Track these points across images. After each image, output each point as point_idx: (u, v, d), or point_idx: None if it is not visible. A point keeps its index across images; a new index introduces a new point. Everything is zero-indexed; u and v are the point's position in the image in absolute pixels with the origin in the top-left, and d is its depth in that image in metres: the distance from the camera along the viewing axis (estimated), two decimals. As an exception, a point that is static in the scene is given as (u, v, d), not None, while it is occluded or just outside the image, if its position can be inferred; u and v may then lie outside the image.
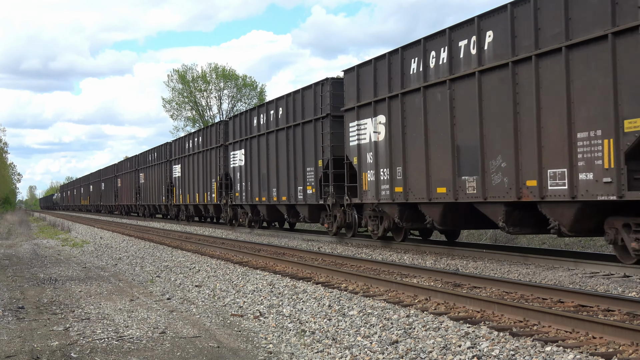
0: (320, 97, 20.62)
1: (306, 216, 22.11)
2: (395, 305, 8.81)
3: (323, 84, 20.56)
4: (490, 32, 13.16)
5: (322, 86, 20.62)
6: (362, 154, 18.04)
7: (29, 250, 20.96)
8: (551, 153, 11.80)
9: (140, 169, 48.62)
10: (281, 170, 23.40)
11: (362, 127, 17.98)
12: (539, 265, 12.87)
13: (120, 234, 29.39)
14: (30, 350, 7.05)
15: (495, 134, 13.12)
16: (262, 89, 70.73)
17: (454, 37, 14.19)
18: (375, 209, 17.99)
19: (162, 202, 41.58)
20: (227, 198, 29.94)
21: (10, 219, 62.33)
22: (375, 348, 6.72)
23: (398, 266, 12.66)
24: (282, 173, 23.28)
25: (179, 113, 70.54)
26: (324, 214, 21.13)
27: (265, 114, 24.87)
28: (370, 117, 17.48)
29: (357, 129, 18.17)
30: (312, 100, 21.13)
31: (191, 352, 6.92)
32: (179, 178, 37.62)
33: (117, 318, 8.76)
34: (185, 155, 36.48)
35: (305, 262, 13.64)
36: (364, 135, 17.91)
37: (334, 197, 19.86)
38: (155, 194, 43.42)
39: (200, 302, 10.11)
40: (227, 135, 29.76)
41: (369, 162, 17.67)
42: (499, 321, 7.56)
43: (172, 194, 39.41)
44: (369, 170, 17.68)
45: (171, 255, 17.75)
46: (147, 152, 46.92)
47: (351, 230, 20.00)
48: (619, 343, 6.29)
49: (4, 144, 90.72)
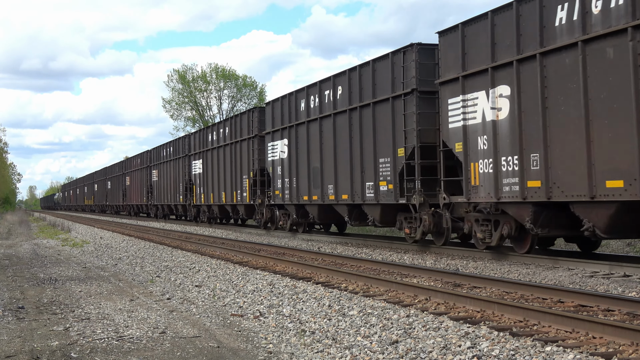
0: (401, 68, 16.28)
1: (376, 218, 17.90)
2: (395, 305, 8.81)
3: (406, 51, 16.22)
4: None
5: (405, 54, 16.25)
6: (469, 138, 14.12)
7: (29, 250, 20.96)
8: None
9: (152, 166, 44.19)
10: (341, 162, 19.35)
11: (470, 104, 14.08)
12: (539, 265, 12.87)
13: (120, 234, 29.39)
14: (30, 350, 7.05)
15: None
16: (262, 89, 70.76)
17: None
18: (484, 210, 14.32)
19: (178, 202, 37.95)
20: (262, 197, 26.09)
21: (10, 219, 62.34)
22: (375, 348, 6.72)
23: (398, 266, 12.66)
24: (343, 166, 19.21)
25: (179, 113, 70.54)
26: (402, 216, 17.07)
27: (318, 95, 20.65)
28: (484, 89, 13.60)
29: (463, 105, 14.24)
30: (389, 74, 16.84)
31: (191, 352, 6.92)
32: (200, 175, 33.82)
33: (117, 318, 8.76)
34: (207, 149, 32.48)
35: (305, 262, 13.64)
36: (473, 113, 14.00)
37: (422, 194, 15.95)
38: (171, 192, 39.60)
39: (200, 302, 10.11)
40: (263, 124, 25.95)
41: (482, 149, 13.72)
42: (499, 321, 7.56)
43: (192, 192, 35.67)
44: (482, 160, 13.73)
45: (171, 255, 17.76)
46: (161, 147, 42.63)
47: (442, 237, 15.89)
48: (619, 343, 6.29)
49: (4, 144, 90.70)
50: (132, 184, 51.35)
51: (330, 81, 19.94)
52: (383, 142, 17.22)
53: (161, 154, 42.27)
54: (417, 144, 15.85)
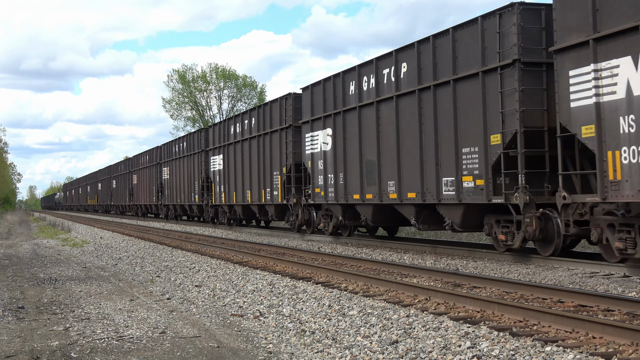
0: (496, 35, 13.26)
1: (456, 222, 14.83)
2: (395, 305, 8.81)
3: (503, 13, 13.21)
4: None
5: (502, 17, 13.24)
6: (606, 118, 10.95)
7: (29, 250, 20.96)
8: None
9: (163, 163, 41.02)
10: (406, 154, 16.11)
11: (605, 74, 10.94)
12: (539, 265, 12.87)
13: (120, 234, 29.39)
14: (30, 350, 7.05)
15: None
16: (262, 89, 70.82)
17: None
18: (616, 212, 11.48)
19: (193, 202, 34.77)
20: (298, 196, 22.68)
21: (10, 219, 62.35)
22: (375, 348, 6.72)
23: (398, 266, 12.66)
24: (410, 159, 15.96)
25: (179, 113, 70.61)
26: (492, 218, 14.11)
27: (375, 75, 17.40)
28: (630, 53, 10.49)
29: (595, 77, 11.12)
30: (478, 43, 13.79)
31: (191, 352, 6.92)
32: (220, 172, 30.48)
33: (117, 318, 8.76)
34: (230, 143, 29.06)
35: (305, 262, 13.64)
36: (612, 87, 10.83)
37: (527, 192, 12.79)
38: (184, 191, 36.35)
39: (200, 302, 10.11)
40: (299, 112, 22.41)
41: (627, 133, 10.50)
42: (499, 321, 7.56)
43: (210, 191, 32.54)
44: (626, 147, 10.56)
45: (171, 255, 17.76)
46: (173, 143, 39.75)
47: (551, 246, 12.83)
48: (619, 343, 6.29)
49: (4, 144, 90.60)
50: (140, 182, 48.33)
51: (392, 57, 16.60)
52: (468, 128, 14.10)
53: (173, 150, 38.92)
54: (520, 129, 12.79)
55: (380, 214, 18.18)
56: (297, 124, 22.77)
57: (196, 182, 34.25)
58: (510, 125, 13.02)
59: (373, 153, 17.56)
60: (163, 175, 41.39)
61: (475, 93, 13.88)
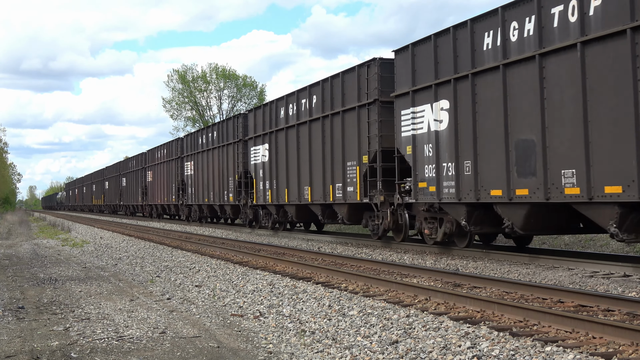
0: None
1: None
2: (395, 305, 8.81)
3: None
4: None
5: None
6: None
7: (29, 250, 20.96)
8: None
9: (185, 157, 36.36)
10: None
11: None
12: (539, 265, 12.87)
13: (120, 234, 29.39)
14: (30, 350, 7.05)
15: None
16: (262, 89, 70.81)
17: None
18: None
19: (226, 202, 29.72)
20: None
21: (10, 219, 62.35)
22: (375, 348, 6.72)
23: (398, 266, 12.66)
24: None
25: (179, 113, 70.60)
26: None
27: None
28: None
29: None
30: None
31: (191, 352, 6.92)
32: (265, 165, 25.29)
33: (117, 318, 8.76)
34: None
35: (305, 262, 13.64)
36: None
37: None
38: (214, 189, 31.32)
39: (200, 302, 10.11)
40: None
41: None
42: (499, 321, 7.56)
43: (250, 188, 27.38)
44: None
45: (171, 255, 17.76)
46: (198, 133, 34.68)
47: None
48: (619, 343, 6.29)
49: (4, 144, 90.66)
50: (154, 180, 43.59)
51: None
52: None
53: (198, 142, 34.56)
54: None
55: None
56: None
57: (230, 178, 29.18)
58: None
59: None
60: (185, 171, 36.25)
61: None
